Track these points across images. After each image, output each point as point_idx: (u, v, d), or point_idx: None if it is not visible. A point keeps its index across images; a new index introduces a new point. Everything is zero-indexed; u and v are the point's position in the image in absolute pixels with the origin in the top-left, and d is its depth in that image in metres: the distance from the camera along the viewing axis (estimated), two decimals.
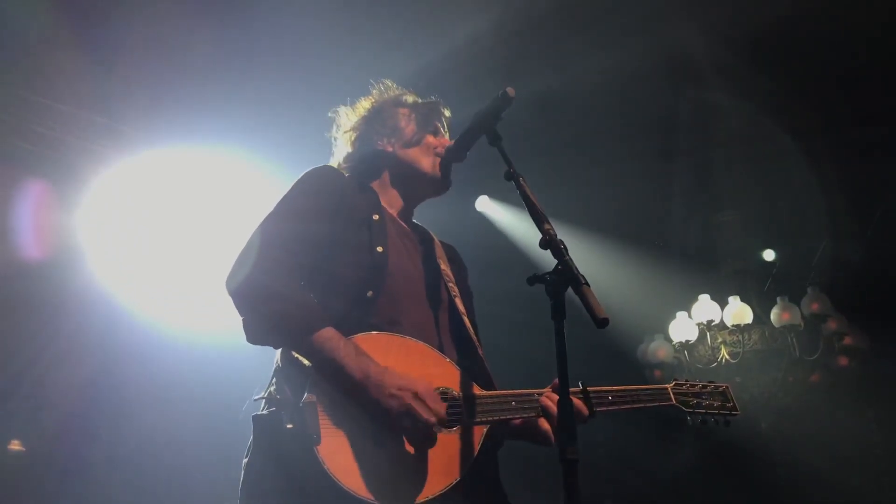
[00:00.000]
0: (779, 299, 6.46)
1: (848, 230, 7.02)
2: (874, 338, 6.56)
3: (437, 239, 2.79)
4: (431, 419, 2.14)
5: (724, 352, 6.40)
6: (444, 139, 2.76)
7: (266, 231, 2.36)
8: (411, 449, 2.17)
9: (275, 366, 2.29)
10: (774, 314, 6.38)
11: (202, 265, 5.53)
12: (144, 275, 5.68)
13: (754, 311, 6.42)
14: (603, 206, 6.59)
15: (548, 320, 2.04)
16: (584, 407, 2.40)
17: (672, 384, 2.76)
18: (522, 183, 2.30)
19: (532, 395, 2.40)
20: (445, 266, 2.67)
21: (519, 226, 6.55)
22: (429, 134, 2.73)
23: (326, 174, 2.58)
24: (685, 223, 7.15)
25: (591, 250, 6.54)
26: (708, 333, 6.48)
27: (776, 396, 6.34)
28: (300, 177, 2.54)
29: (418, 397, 2.14)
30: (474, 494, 2.27)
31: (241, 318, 2.27)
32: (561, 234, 2.14)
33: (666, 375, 6.52)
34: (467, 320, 2.56)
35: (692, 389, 2.78)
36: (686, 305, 6.64)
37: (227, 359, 4.74)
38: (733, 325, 6.36)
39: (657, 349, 6.71)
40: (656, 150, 6.53)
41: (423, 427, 2.14)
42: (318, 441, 2.06)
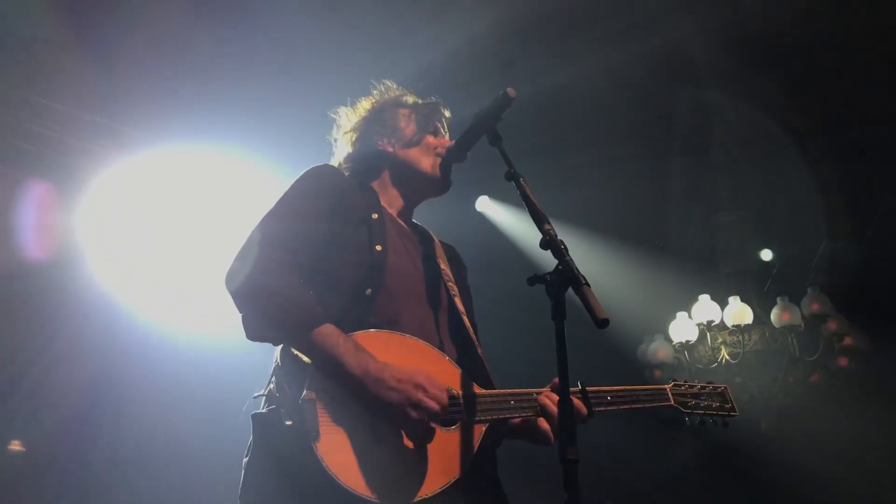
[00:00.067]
0: (779, 300, 6.46)
1: (848, 230, 7.02)
2: (874, 338, 6.56)
3: (437, 239, 2.79)
4: (435, 406, 2.14)
5: (725, 352, 6.40)
6: (445, 139, 2.77)
7: (266, 229, 2.37)
8: (411, 445, 2.17)
9: (274, 363, 2.29)
10: (774, 314, 6.38)
11: (202, 265, 5.53)
12: (144, 275, 5.67)
13: (754, 312, 6.41)
14: (603, 207, 6.58)
15: (548, 320, 2.04)
16: (584, 407, 2.41)
17: (671, 385, 2.76)
18: (523, 183, 2.31)
19: (531, 395, 2.40)
20: (445, 266, 2.67)
21: (519, 226, 6.54)
22: (429, 134, 2.74)
23: (326, 173, 2.58)
24: (685, 223, 7.15)
25: (592, 250, 6.53)
26: (708, 334, 6.48)
27: (776, 397, 6.34)
28: (300, 175, 2.54)
29: (420, 386, 2.14)
30: (473, 492, 2.28)
31: (241, 315, 2.27)
32: (561, 235, 2.14)
33: (666, 376, 6.51)
34: (466, 320, 2.56)
35: (691, 390, 2.78)
36: (686, 306, 6.64)
37: (228, 358, 4.74)
38: (733, 326, 6.35)
39: (657, 349, 6.70)
40: (656, 151, 6.52)
41: (427, 414, 2.14)
42: (318, 438, 2.06)
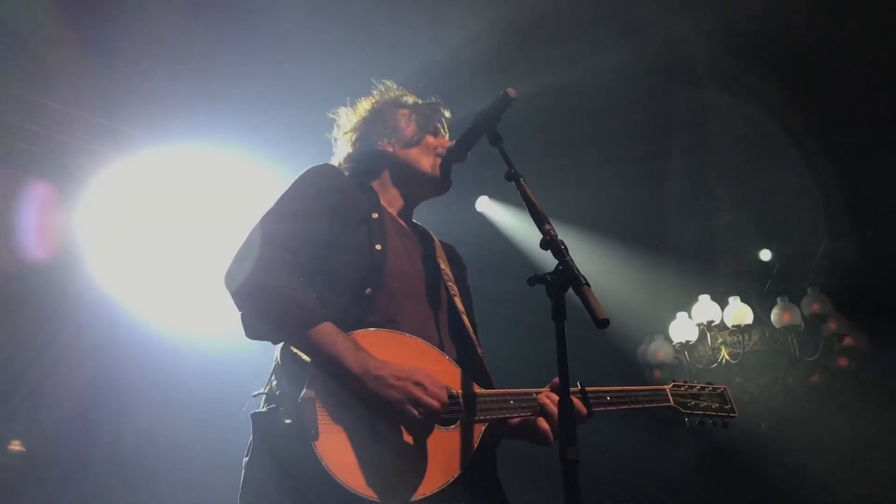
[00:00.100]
0: (779, 300, 6.46)
1: (848, 230, 7.02)
2: (874, 338, 6.56)
3: (437, 239, 2.79)
4: (435, 404, 2.14)
5: (725, 352, 6.40)
6: (445, 139, 2.77)
7: (266, 229, 2.37)
8: (411, 443, 2.17)
9: (274, 362, 2.29)
10: (775, 315, 6.38)
11: (202, 265, 5.52)
12: (144, 275, 5.67)
13: (754, 312, 6.42)
14: (603, 207, 6.58)
15: (548, 321, 2.04)
16: (583, 407, 2.41)
17: (670, 385, 2.75)
18: (523, 183, 2.31)
19: (530, 395, 2.40)
20: (445, 265, 2.67)
21: (519, 226, 6.53)
22: (429, 134, 2.74)
23: (326, 172, 2.58)
24: (686, 223, 7.14)
25: (592, 251, 6.53)
26: (708, 334, 6.48)
27: (776, 397, 6.34)
28: (300, 175, 2.54)
29: (419, 384, 2.15)
30: (472, 492, 2.28)
31: (240, 314, 2.27)
32: (561, 235, 2.14)
33: (666, 376, 6.51)
34: (466, 319, 2.56)
35: (690, 391, 2.78)
36: (686, 306, 6.64)
37: (228, 359, 4.74)
38: (733, 326, 6.36)
39: (657, 350, 6.70)
40: (657, 151, 6.52)
41: (427, 412, 2.14)
42: (316, 437, 2.05)
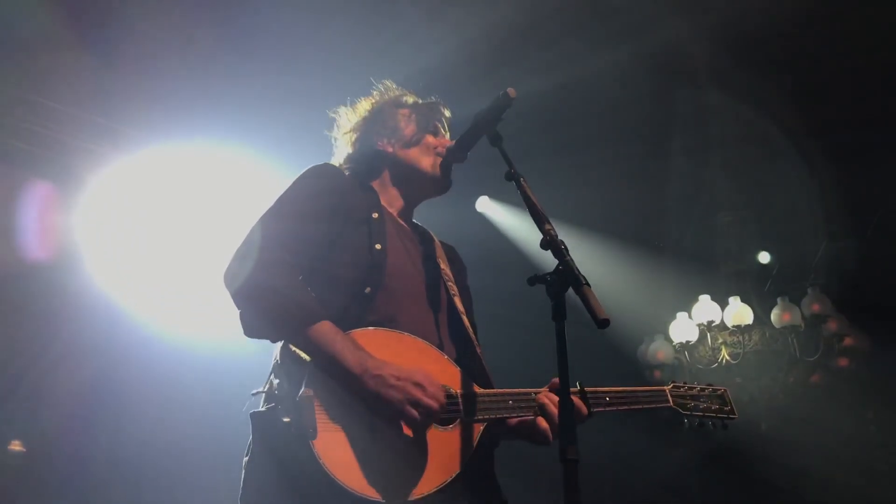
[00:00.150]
0: (779, 300, 6.46)
1: (848, 230, 7.02)
2: (874, 338, 6.55)
3: (437, 239, 2.79)
4: (433, 405, 2.15)
5: (725, 352, 6.40)
6: (445, 139, 2.77)
7: (265, 228, 2.36)
8: (410, 441, 2.17)
9: (273, 361, 2.29)
10: (775, 315, 6.38)
11: (202, 266, 5.52)
12: (144, 276, 5.67)
13: (755, 312, 6.41)
14: (604, 207, 6.58)
15: (548, 321, 2.04)
16: (583, 407, 2.41)
17: (670, 386, 2.75)
18: (523, 183, 2.31)
19: (529, 395, 2.40)
20: (445, 266, 2.67)
21: (520, 226, 6.53)
22: (429, 134, 2.73)
23: (326, 172, 2.58)
24: (686, 224, 7.15)
25: (592, 251, 6.53)
26: (708, 334, 6.48)
27: (776, 397, 6.34)
28: (300, 174, 2.54)
29: (418, 385, 2.15)
30: (471, 491, 2.28)
31: (239, 313, 2.27)
32: (561, 235, 2.14)
33: (666, 376, 6.51)
34: (466, 319, 2.56)
35: (690, 392, 2.77)
36: (686, 306, 6.64)
37: (228, 359, 4.74)
38: (734, 326, 6.35)
39: (657, 350, 6.70)
40: (657, 151, 6.52)
41: (426, 413, 2.14)
42: (315, 435, 2.05)
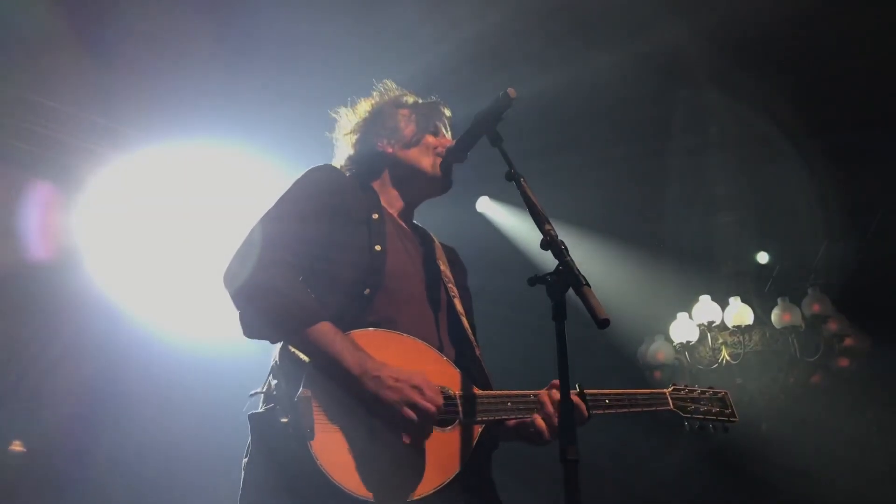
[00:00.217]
0: (779, 300, 6.44)
1: (848, 231, 7.01)
2: (875, 339, 6.55)
3: (438, 240, 2.79)
4: (430, 408, 2.14)
5: (725, 353, 6.39)
6: (445, 139, 2.76)
7: (266, 228, 2.37)
8: (408, 443, 2.17)
9: (272, 362, 2.29)
10: (775, 315, 6.37)
11: (202, 266, 5.52)
12: (144, 276, 5.67)
13: (755, 312, 6.40)
14: (604, 207, 6.58)
15: (548, 321, 2.04)
16: (583, 409, 2.41)
17: (670, 389, 2.73)
18: (523, 184, 2.31)
19: (528, 396, 2.40)
20: (445, 267, 2.67)
21: (520, 226, 6.53)
22: (428, 134, 2.73)
23: (327, 173, 2.58)
24: (686, 224, 7.14)
25: (592, 251, 6.53)
26: (709, 334, 6.46)
27: (777, 397, 6.33)
28: (301, 175, 2.54)
29: (416, 387, 2.15)
30: (469, 492, 2.28)
31: (238, 312, 2.28)
32: (562, 235, 2.14)
33: (666, 376, 6.50)
34: (465, 321, 2.56)
35: (691, 395, 2.75)
36: (687, 306, 6.63)
37: (228, 360, 4.73)
38: (734, 326, 6.34)
39: (658, 350, 6.69)
40: (657, 151, 6.52)
41: (423, 416, 2.14)
42: (312, 436, 2.05)
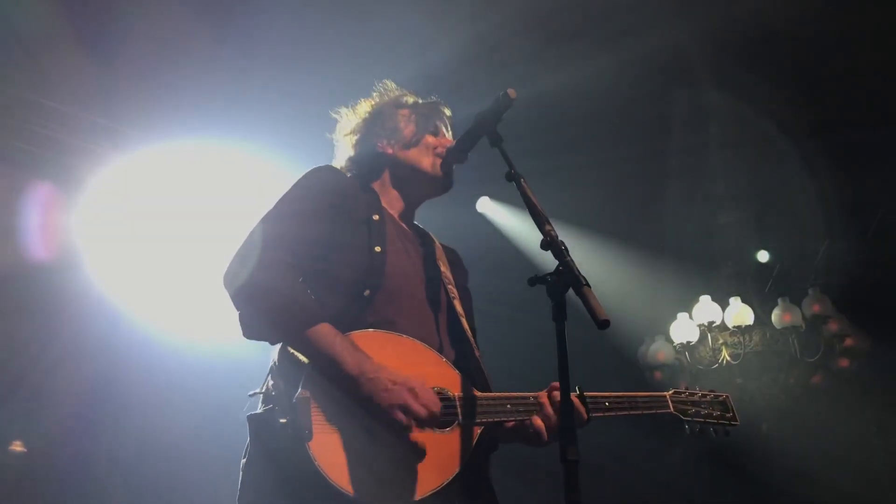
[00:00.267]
0: (780, 300, 6.44)
1: (848, 231, 7.01)
2: (875, 339, 6.54)
3: (439, 241, 2.79)
4: (423, 413, 2.14)
5: (725, 353, 6.38)
6: (445, 139, 2.76)
7: (266, 229, 2.37)
8: (407, 444, 2.16)
9: (272, 362, 2.29)
10: (775, 315, 6.36)
11: (203, 267, 5.52)
12: (144, 276, 5.67)
13: (755, 313, 6.39)
14: (604, 207, 6.58)
15: (548, 321, 2.04)
16: (583, 411, 2.41)
17: (671, 392, 2.72)
18: (523, 184, 2.31)
19: (528, 398, 2.40)
20: (445, 268, 2.67)
21: (520, 227, 6.54)
22: (428, 134, 2.73)
23: (328, 174, 2.58)
24: (686, 224, 7.13)
25: (593, 251, 6.53)
26: (709, 335, 6.46)
27: (777, 398, 6.32)
28: (302, 176, 2.54)
29: (413, 391, 2.14)
30: (467, 494, 2.27)
31: (237, 313, 2.28)
32: (562, 235, 2.14)
33: (666, 377, 6.51)
34: (465, 322, 2.55)
35: (691, 398, 2.74)
36: (687, 307, 6.62)
37: (229, 360, 4.73)
38: (734, 327, 6.33)
39: (658, 350, 6.68)
40: (657, 151, 6.52)
41: (417, 420, 2.14)
42: (310, 437, 2.05)
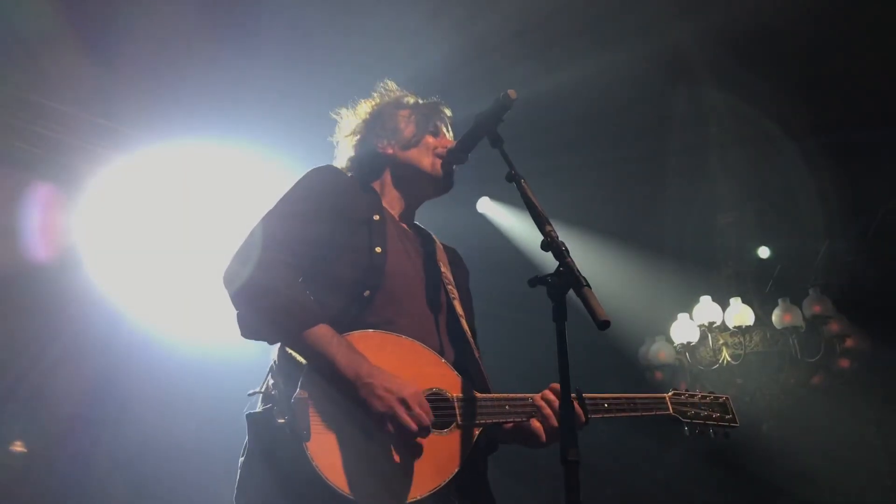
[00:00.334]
0: (780, 301, 6.43)
1: (849, 231, 7.01)
2: (876, 340, 6.54)
3: (439, 241, 2.79)
4: (412, 426, 2.12)
5: (726, 353, 6.38)
6: (445, 139, 2.76)
7: (266, 229, 2.37)
8: (402, 446, 2.16)
9: (271, 362, 2.29)
10: (776, 316, 6.35)
11: (203, 267, 5.52)
12: (145, 276, 5.67)
13: (756, 313, 6.38)
14: (604, 208, 6.58)
15: (549, 322, 2.04)
16: (581, 413, 2.40)
17: (670, 393, 2.71)
18: (524, 185, 2.31)
19: (527, 399, 2.40)
20: (446, 268, 2.67)
21: (520, 227, 6.54)
22: (428, 134, 2.73)
23: (328, 174, 2.58)
24: (686, 224, 7.13)
25: (593, 252, 6.53)
26: (709, 335, 6.45)
27: (777, 398, 6.31)
28: (303, 176, 2.54)
29: (404, 402, 2.12)
30: (465, 495, 2.28)
31: (236, 313, 2.28)
32: (562, 236, 2.14)
33: (667, 377, 6.50)
34: (465, 323, 2.55)
35: (691, 399, 2.73)
36: (687, 307, 6.62)
37: (229, 361, 4.73)
38: (735, 327, 6.32)
39: (658, 351, 6.68)
40: (657, 151, 6.52)
41: (404, 433, 2.13)
42: (308, 438, 2.05)
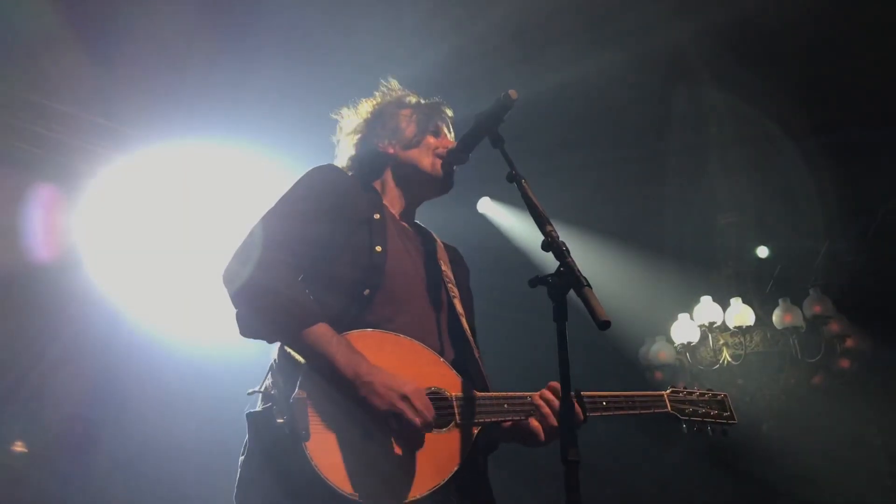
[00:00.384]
0: (781, 301, 6.43)
1: (849, 231, 7.01)
2: (876, 340, 6.54)
3: (440, 240, 2.79)
4: (416, 421, 2.13)
5: (726, 354, 6.38)
6: (446, 139, 2.76)
7: (267, 228, 2.37)
8: (399, 449, 2.17)
9: (271, 361, 2.30)
10: (776, 316, 6.36)
11: (204, 268, 5.52)
12: (145, 276, 5.67)
13: (756, 313, 6.39)
14: (605, 208, 6.58)
15: (549, 322, 2.04)
16: (580, 411, 2.40)
17: (669, 391, 2.71)
18: (524, 185, 2.31)
19: (525, 398, 2.40)
20: (446, 267, 2.67)
21: (521, 227, 6.54)
22: (429, 134, 2.73)
23: (329, 173, 2.58)
24: (686, 224, 7.13)
25: (593, 252, 6.53)
26: (710, 335, 6.46)
27: (778, 398, 6.32)
28: (303, 175, 2.54)
29: (406, 398, 2.13)
30: (464, 495, 2.28)
31: (235, 312, 2.28)
32: (562, 236, 2.14)
33: (667, 377, 6.50)
34: (465, 322, 2.55)
35: (689, 397, 2.74)
36: (688, 307, 6.62)
37: (229, 360, 4.74)
38: (735, 327, 6.33)
39: (659, 351, 6.68)
40: (657, 151, 6.52)
41: (409, 429, 2.14)
42: (307, 437, 2.06)
